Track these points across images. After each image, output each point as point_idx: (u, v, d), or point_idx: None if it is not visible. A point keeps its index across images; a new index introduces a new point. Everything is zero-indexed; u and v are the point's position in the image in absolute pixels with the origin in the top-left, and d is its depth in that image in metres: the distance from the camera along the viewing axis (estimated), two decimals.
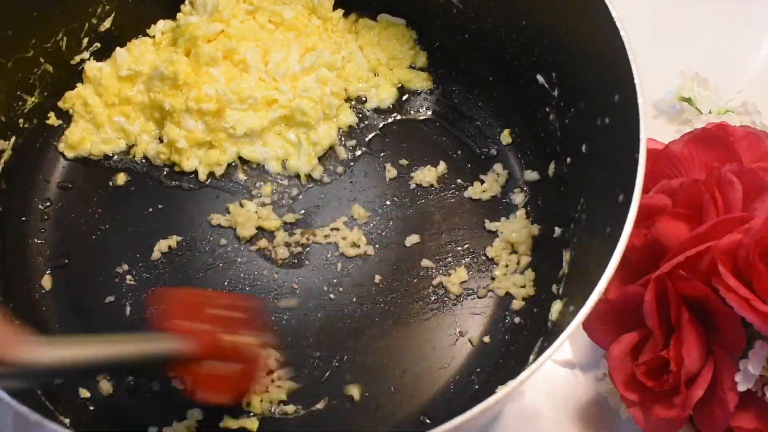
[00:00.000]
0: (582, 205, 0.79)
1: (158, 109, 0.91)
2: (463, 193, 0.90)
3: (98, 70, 0.91)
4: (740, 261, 0.68)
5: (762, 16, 1.03)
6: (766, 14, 1.03)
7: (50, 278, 0.84)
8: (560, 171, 0.85)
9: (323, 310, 0.84)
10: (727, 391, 0.69)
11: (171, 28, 0.95)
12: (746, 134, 0.78)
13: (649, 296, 0.71)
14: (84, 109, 0.91)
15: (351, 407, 0.80)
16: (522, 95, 0.90)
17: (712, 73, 0.96)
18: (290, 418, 0.79)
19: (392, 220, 0.89)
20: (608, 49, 0.71)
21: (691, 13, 1.03)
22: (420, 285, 0.85)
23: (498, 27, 0.89)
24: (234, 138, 0.90)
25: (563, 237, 0.82)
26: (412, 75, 0.96)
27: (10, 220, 0.86)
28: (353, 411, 0.79)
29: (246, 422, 0.78)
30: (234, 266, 0.86)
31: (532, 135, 0.90)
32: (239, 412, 0.78)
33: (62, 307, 0.84)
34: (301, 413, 0.79)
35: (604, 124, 0.74)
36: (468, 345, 0.83)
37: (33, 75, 0.87)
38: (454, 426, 0.59)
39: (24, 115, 0.88)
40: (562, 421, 0.82)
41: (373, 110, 0.95)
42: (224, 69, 0.91)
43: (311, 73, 0.92)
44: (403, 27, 0.98)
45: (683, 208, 0.73)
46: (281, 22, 0.94)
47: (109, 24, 0.92)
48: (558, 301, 0.76)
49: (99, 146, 0.91)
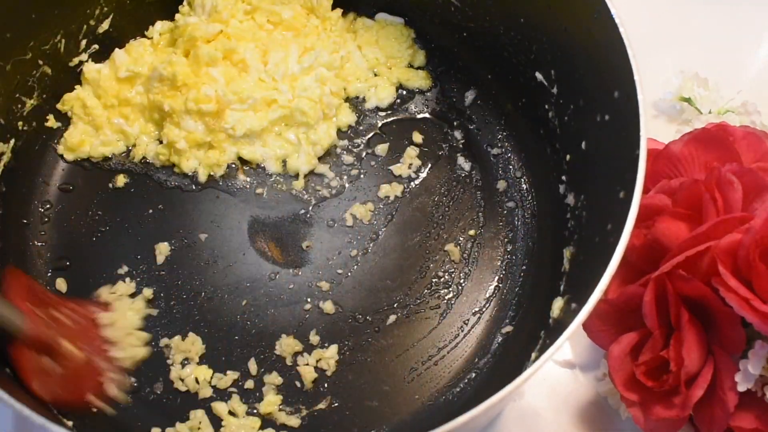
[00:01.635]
0: (582, 202, 0.79)
1: (157, 111, 0.90)
2: (463, 192, 0.90)
3: (97, 72, 0.91)
4: (740, 261, 0.68)
5: (762, 16, 1.03)
6: (766, 14, 1.03)
7: (51, 280, 0.84)
8: (560, 168, 0.85)
9: (324, 309, 0.84)
10: (726, 391, 0.69)
11: (169, 29, 0.95)
12: (746, 134, 0.78)
13: (649, 296, 0.71)
14: (83, 111, 0.91)
15: (353, 406, 0.80)
16: (521, 93, 0.90)
17: (712, 73, 0.96)
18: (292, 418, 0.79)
19: (392, 218, 0.89)
20: (607, 45, 0.71)
21: (691, 13, 1.03)
22: (421, 283, 0.85)
23: (496, 25, 0.89)
24: (234, 138, 0.90)
25: (564, 234, 0.82)
26: (411, 74, 0.96)
27: (11, 223, 0.86)
28: (355, 410, 0.80)
29: (249, 421, 0.78)
30: (234, 266, 0.86)
31: (532, 133, 0.90)
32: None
33: None
34: (303, 413, 0.79)
35: (603, 120, 0.74)
36: (469, 344, 0.83)
37: (31, 77, 0.87)
38: (454, 426, 0.59)
39: (23, 118, 0.88)
40: (562, 421, 0.82)
41: (372, 109, 0.95)
42: (223, 69, 0.91)
43: (310, 72, 0.92)
44: (401, 26, 0.98)
45: (683, 208, 0.73)
46: (280, 21, 0.94)
47: (107, 26, 0.92)
48: (559, 298, 0.76)
49: (98, 148, 0.91)
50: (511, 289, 0.85)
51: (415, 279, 0.86)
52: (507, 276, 0.86)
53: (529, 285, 0.85)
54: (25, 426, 0.77)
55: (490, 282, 0.86)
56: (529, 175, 0.91)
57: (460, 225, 0.88)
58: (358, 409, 0.80)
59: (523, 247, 0.87)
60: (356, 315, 0.84)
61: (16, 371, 0.70)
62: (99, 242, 0.87)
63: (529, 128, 0.90)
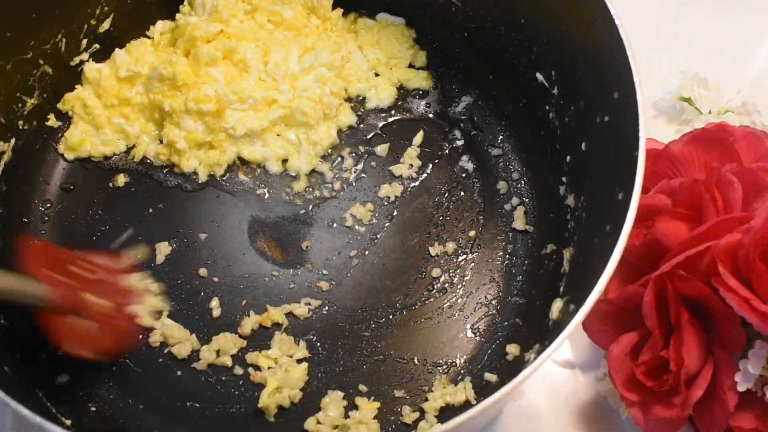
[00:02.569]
0: (582, 203, 0.79)
1: (158, 110, 0.90)
2: (463, 193, 0.90)
3: (97, 72, 0.91)
4: (740, 261, 0.68)
5: (762, 17, 1.03)
6: (766, 15, 1.03)
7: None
8: (560, 169, 0.85)
9: (324, 308, 0.84)
10: (726, 391, 0.69)
11: (170, 29, 0.95)
12: (746, 134, 0.78)
13: (649, 296, 0.71)
14: (83, 110, 0.91)
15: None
16: (521, 94, 0.90)
17: (712, 73, 0.96)
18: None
19: (392, 219, 0.89)
20: (607, 46, 0.71)
21: (691, 14, 1.03)
22: (420, 284, 0.85)
23: (497, 26, 0.89)
24: (234, 138, 0.90)
25: (564, 236, 0.82)
26: (412, 74, 0.96)
27: (11, 222, 0.86)
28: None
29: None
30: (234, 265, 0.86)
31: (533, 133, 0.90)
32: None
33: None
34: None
35: (603, 121, 0.74)
36: (469, 345, 0.83)
37: (32, 77, 0.87)
38: (454, 426, 0.59)
39: (24, 117, 0.88)
40: (562, 421, 0.82)
41: (373, 110, 0.95)
42: (224, 69, 0.91)
43: (311, 72, 0.92)
44: (402, 26, 0.98)
45: (683, 208, 0.73)
46: (280, 21, 0.94)
47: (108, 25, 0.92)
48: (558, 299, 0.76)
49: (99, 148, 0.91)
50: (511, 289, 0.85)
51: (415, 279, 0.86)
52: (507, 276, 0.86)
53: (528, 285, 0.85)
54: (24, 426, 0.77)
55: (490, 282, 0.86)
56: (529, 176, 0.91)
57: (460, 226, 0.89)
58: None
59: (523, 248, 0.87)
60: (356, 314, 0.84)
61: (47, 338, 0.71)
62: (99, 241, 0.87)
63: (529, 129, 0.91)
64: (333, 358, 0.82)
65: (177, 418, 0.78)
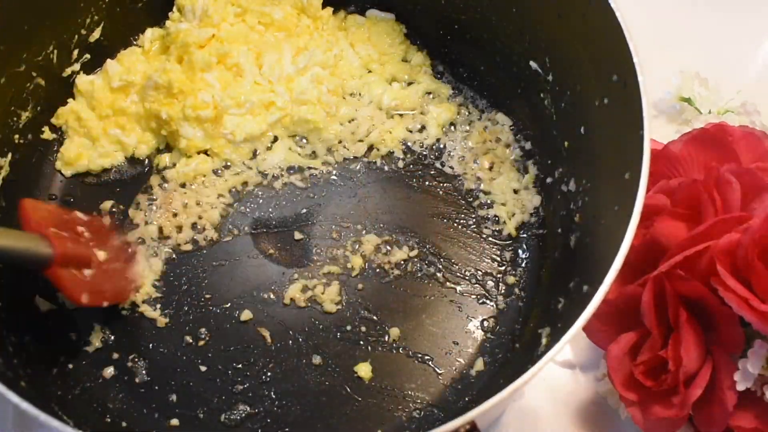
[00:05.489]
0: (584, 186, 0.79)
1: (154, 119, 0.90)
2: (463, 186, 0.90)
3: (90, 84, 0.91)
4: (739, 261, 0.68)
5: (762, 17, 1.03)
6: (766, 15, 1.04)
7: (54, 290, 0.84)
8: (560, 155, 0.85)
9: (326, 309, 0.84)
10: (726, 391, 0.69)
11: (160, 36, 0.94)
12: (745, 134, 0.78)
13: (647, 296, 0.71)
14: (78, 123, 0.90)
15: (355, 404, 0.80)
16: (516, 82, 0.90)
17: (712, 73, 0.96)
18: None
19: (393, 216, 0.89)
20: (603, 28, 0.71)
21: (691, 14, 1.03)
22: (424, 281, 0.85)
23: (488, 16, 0.89)
24: (234, 144, 0.90)
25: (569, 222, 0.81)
26: (405, 68, 0.96)
27: None
28: (357, 408, 0.80)
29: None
30: (237, 267, 0.86)
31: (529, 121, 0.90)
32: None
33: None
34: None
35: (603, 104, 0.74)
36: (469, 345, 0.83)
37: (26, 90, 0.86)
38: (454, 426, 0.59)
39: (19, 131, 0.87)
40: (562, 421, 0.82)
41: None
42: (218, 74, 0.90)
43: (305, 73, 0.92)
44: (392, 22, 0.98)
45: (682, 208, 0.74)
46: (271, 23, 0.93)
47: (98, 34, 0.91)
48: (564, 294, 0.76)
49: (96, 161, 0.90)
50: (511, 289, 0.86)
51: (417, 275, 0.86)
52: (507, 276, 0.86)
53: (528, 286, 0.85)
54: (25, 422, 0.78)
55: (490, 283, 0.86)
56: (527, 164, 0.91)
57: (461, 224, 0.89)
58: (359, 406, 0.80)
59: (523, 248, 0.87)
60: (359, 312, 0.84)
61: (62, 291, 0.75)
62: None
63: (526, 117, 0.91)
64: (336, 355, 0.82)
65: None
